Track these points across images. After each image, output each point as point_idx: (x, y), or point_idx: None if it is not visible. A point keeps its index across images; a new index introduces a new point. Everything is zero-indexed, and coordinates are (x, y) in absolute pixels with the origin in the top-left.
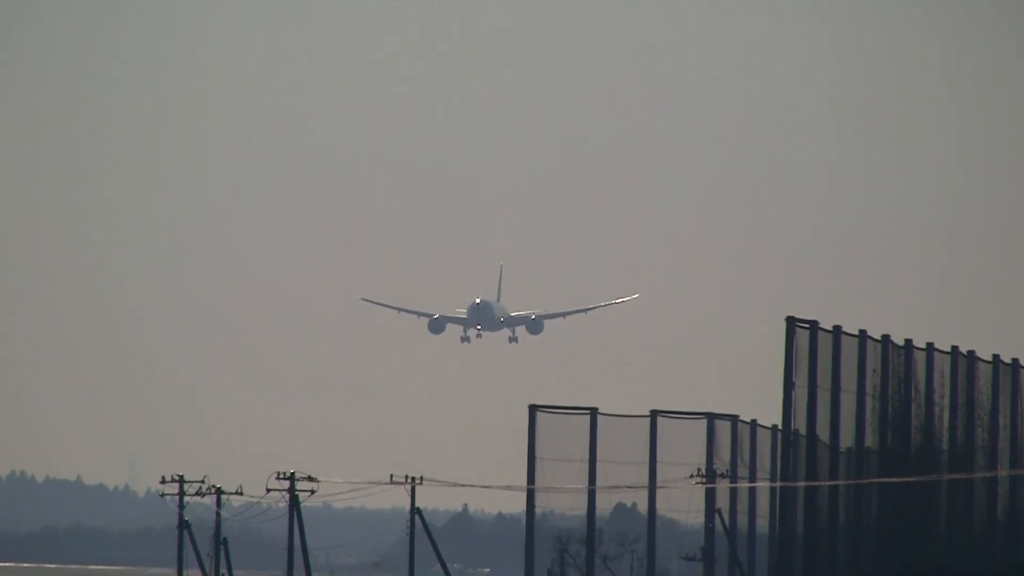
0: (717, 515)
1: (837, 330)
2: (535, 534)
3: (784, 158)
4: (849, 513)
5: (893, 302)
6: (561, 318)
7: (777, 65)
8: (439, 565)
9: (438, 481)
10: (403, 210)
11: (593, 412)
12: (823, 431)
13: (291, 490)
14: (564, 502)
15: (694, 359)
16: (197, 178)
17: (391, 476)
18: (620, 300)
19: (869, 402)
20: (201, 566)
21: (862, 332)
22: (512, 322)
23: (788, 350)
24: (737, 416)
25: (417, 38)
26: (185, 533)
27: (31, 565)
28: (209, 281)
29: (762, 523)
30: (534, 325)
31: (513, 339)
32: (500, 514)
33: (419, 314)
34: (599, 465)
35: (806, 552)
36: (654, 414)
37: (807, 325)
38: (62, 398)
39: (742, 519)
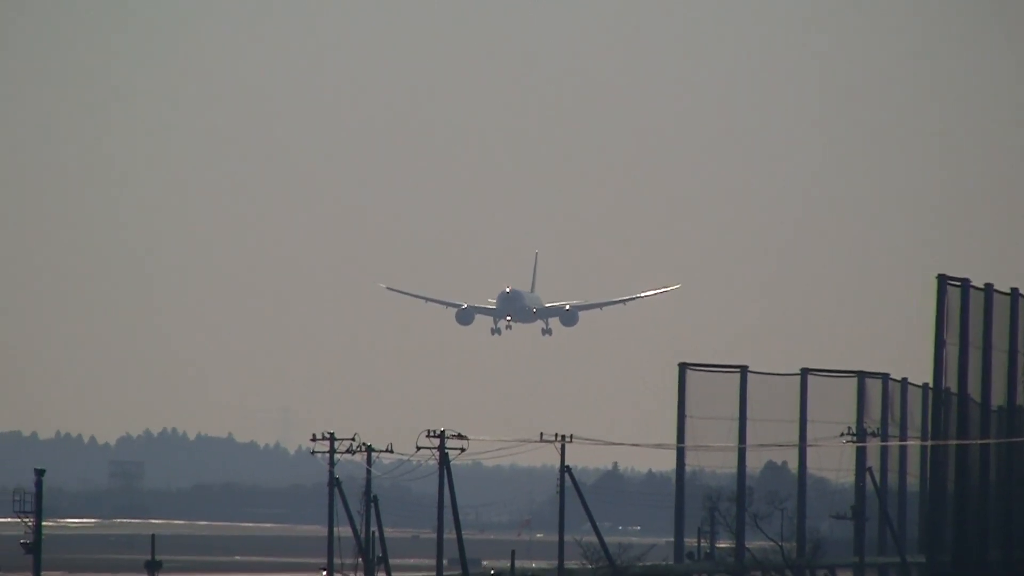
0: (868, 474)
1: (988, 288)
2: (685, 492)
3: (931, 116)
4: (1000, 471)
5: None
6: (598, 309)
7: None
8: (589, 523)
9: (588, 439)
10: (442, 198)
11: (743, 370)
12: (974, 389)
13: (441, 448)
14: (714, 460)
15: (845, 318)
16: (250, 168)
17: (541, 434)
18: (660, 291)
19: (1021, 360)
20: (352, 524)
21: (1014, 290)
22: (545, 313)
23: (939, 308)
24: (888, 374)
25: (454, 22)
26: (335, 491)
27: (182, 522)
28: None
29: (913, 481)
30: (568, 317)
31: (547, 331)
32: (650, 472)
33: (447, 304)
34: (749, 423)
35: (957, 510)
36: (804, 372)
37: (958, 283)
38: (215, 356)
39: (893, 478)
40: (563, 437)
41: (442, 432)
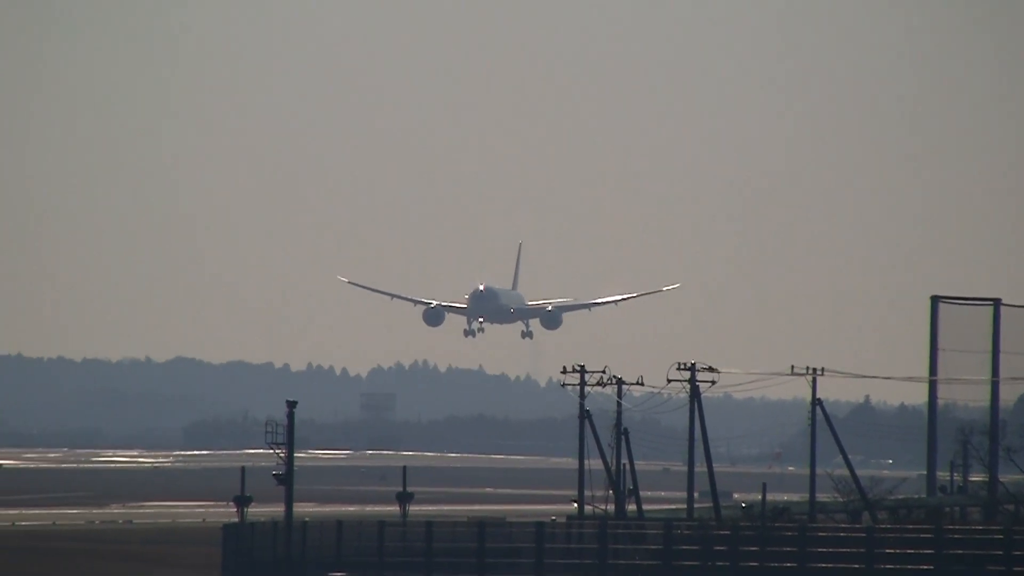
0: None
1: None
2: (938, 426)
3: None
4: None
5: None
6: (586, 310)
7: None
8: (840, 456)
9: (840, 372)
10: (444, 194)
11: (996, 303)
12: None
13: (692, 381)
14: (966, 393)
15: None
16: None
17: (792, 367)
18: (655, 291)
19: None
20: (602, 456)
21: None
22: (525, 314)
23: None
24: None
25: (436, 15)
26: (586, 423)
27: (433, 454)
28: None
29: None
30: (549, 318)
31: (527, 334)
32: (902, 405)
33: (415, 302)
34: (1002, 356)
35: None
36: None
37: None
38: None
39: None
40: (814, 370)
41: (692, 365)
